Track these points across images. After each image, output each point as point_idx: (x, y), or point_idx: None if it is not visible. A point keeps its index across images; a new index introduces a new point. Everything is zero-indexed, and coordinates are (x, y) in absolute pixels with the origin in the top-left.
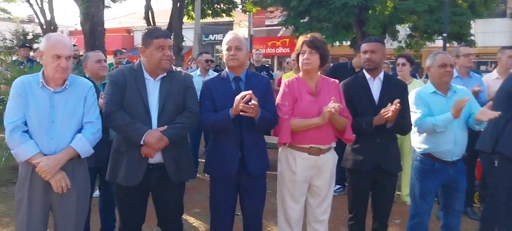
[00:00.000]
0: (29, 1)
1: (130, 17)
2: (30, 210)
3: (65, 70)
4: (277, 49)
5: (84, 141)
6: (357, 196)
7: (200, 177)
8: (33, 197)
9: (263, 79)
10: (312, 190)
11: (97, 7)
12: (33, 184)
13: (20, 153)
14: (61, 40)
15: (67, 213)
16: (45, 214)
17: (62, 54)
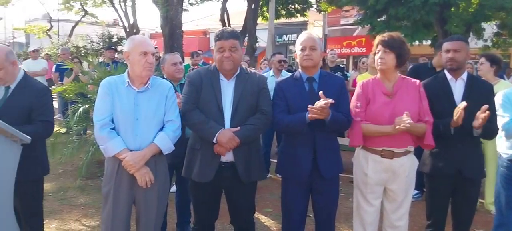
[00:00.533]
0: (114, 6)
1: (207, 20)
2: (116, 203)
3: (151, 66)
4: (353, 49)
5: (166, 138)
6: (436, 203)
7: (272, 177)
8: (118, 191)
9: (338, 79)
10: (388, 194)
11: (176, 11)
12: (119, 179)
13: (108, 148)
14: (145, 39)
15: (149, 207)
16: (129, 207)
17: (148, 50)
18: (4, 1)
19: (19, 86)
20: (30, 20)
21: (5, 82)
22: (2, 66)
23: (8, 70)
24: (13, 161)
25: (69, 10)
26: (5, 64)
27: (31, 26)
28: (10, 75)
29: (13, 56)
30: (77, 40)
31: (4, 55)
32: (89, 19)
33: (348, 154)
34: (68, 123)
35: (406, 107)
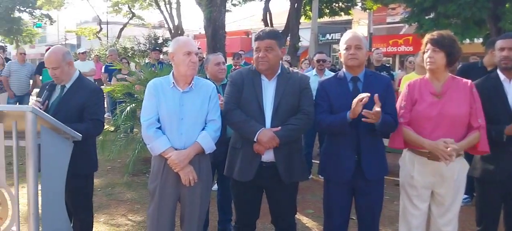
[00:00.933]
0: (160, 8)
1: (249, 20)
2: (162, 200)
3: (195, 65)
4: (399, 48)
5: (208, 138)
6: (487, 209)
7: (314, 178)
8: (164, 188)
9: (383, 79)
10: (436, 198)
11: (219, 12)
12: (165, 176)
13: (155, 147)
14: (189, 40)
15: (193, 204)
16: (174, 203)
17: (192, 50)
18: (58, 5)
19: (74, 85)
20: (81, 22)
21: (61, 81)
22: (58, 66)
23: (64, 70)
24: (65, 157)
25: (117, 12)
26: (62, 64)
27: (82, 28)
28: (65, 75)
29: (69, 57)
30: (125, 41)
31: (61, 55)
32: (136, 21)
33: (393, 156)
34: (116, 121)
35: (455, 108)
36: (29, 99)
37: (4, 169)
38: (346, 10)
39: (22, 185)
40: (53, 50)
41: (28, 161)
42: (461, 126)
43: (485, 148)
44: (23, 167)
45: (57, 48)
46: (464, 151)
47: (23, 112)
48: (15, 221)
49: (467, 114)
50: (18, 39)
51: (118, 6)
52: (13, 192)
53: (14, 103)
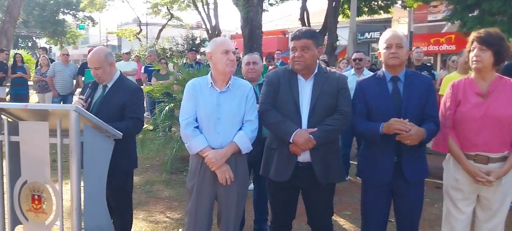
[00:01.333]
0: (198, 9)
1: (286, 19)
2: (199, 198)
3: (233, 63)
4: (441, 47)
5: (245, 138)
6: None
7: (352, 179)
8: (202, 186)
9: (425, 78)
10: (481, 202)
11: (256, 12)
12: (202, 175)
13: (192, 146)
14: (226, 39)
15: (230, 203)
16: (211, 202)
17: (229, 49)
18: (100, 7)
19: (115, 85)
20: (121, 24)
21: (103, 81)
22: (100, 66)
23: (106, 70)
24: (107, 155)
25: (156, 14)
26: (104, 64)
27: (123, 29)
28: (107, 75)
29: (111, 57)
30: (164, 42)
31: (104, 56)
32: (175, 22)
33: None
34: (155, 120)
35: (501, 109)
36: (73, 98)
37: (49, 165)
38: (385, 8)
39: (66, 181)
40: (95, 51)
41: (72, 158)
42: (508, 128)
43: None
44: (67, 164)
45: (100, 49)
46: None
47: (67, 111)
48: (59, 216)
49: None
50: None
51: (157, 7)
52: (57, 188)
53: (58, 102)
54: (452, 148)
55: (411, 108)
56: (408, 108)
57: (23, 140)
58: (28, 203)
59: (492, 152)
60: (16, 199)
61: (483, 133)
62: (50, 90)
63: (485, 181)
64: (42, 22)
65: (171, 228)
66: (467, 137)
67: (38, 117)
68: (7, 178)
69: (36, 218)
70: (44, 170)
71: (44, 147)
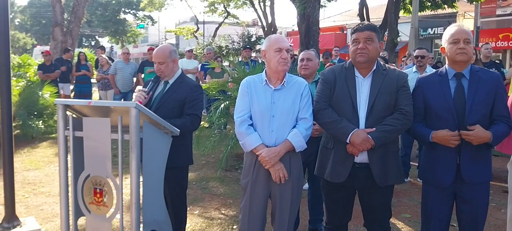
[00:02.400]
0: (254, 6)
1: (344, 15)
2: (253, 195)
3: (286, 61)
4: (511, 43)
5: (299, 136)
6: None
7: (412, 181)
8: (255, 184)
9: (493, 75)
10: None
11: (313, 8)
12: (256, 172)
13: (246, 143)
14: (280, 37)
15: (284, 202)
16: (265, 200)
17: (283, 46)
18: (159, 6)
19: (177, 82)
20: (179, 22)
21: (165, 77)
22: (164, 61)
23: (169, 66)
24: (165, 151)
25: (213, 12)
26: (167, 60)
27: (181, 28)
28: (169, 71)
29: (175, 55)
30: (220, 40)
31: (168, 52)
32: (231, 20)
33: (501, 160)
34: (211, 118)
35: None
36: (133, 96)
37: (111, 160)
38: (450, 2)
39: (126, 176)
40: (161, 47)
41: (132, 153)
42: None
43: None
44: (127, 159)
45: (165, 45)
46: None
47: (127, 108)
48: (119, 210)
49: None
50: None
51: (214, 5)
52: (118, 183)
53: (119, 99)
54: None
55: (476, 107)
56: (473, 108)
57: (86, 135)
58: (91, 196)
59: None
60: (79, 192)
61: None
62: (112, 88)
63: None
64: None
65: (225, 225)
66: None
67: (101, 113)
68: (72, 171)
69: (97, 210)
70: (105, 165)
71: (105, 142)
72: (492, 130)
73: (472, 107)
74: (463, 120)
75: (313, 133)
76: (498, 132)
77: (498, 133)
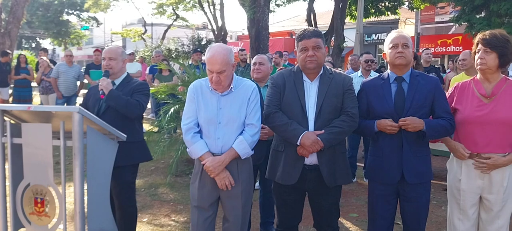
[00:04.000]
0: (204, 10)
1: (293, 20)
2: (201, 202)
3: (217, 83)
4: (448, 48)
5: (245, 143)
6: None
7: (359, 181)
8: (203, 190)
9: (431, 79)
10: (484, 203)
11: (262, 12)
12: (203, 179)
13: (192, 151)
14: (213, 56)
15: (234, 207)
16: (214, 206)
17: (213, 69)
18: (104, 7)
19: (123, 82)
20: (126, 24)
21: (112, 74)
22: (116, 58)
23: (119, 64)
24: (110, 157)
25: (162, 14)
26: (118, 58)
27: (127, 30)
28: (118, 69)
29: (126, 56)
30: (169, 43)
31: (121, 51)
32: (180, 23)
33: (441, 159)
34: (160, 122)
35: (504, 111)
36: (76, 100)
37: (52, 168)
38: (392, 10)
39: (69, 184)
40: (113, 45)
41: (75, 160)
42: (510, 130)
43: None
44: (70, 167)
45: (118, 46)
46: None
47: (70, 113)
48: (62, 220)
49: None
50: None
51: (162, 7)
52: (61, 191)
53: (62, 104)
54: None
55: (414, 108)
56: (411, 109)
57: (25, 142)
58: (31, 206)
59: (494, 152)
60: (18, 202)
61: (485, 134)
62: (54, 92)
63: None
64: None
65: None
66: (469, 138)
67: (41, 118)
68: (10, 180)
69: (39, 221)
70: (47, 173)
71: (47, 149)
72: (426, 119)
73: (410, 109)
74: None
75: (262, 137)
76: (432, 122)
77: (432, 122)
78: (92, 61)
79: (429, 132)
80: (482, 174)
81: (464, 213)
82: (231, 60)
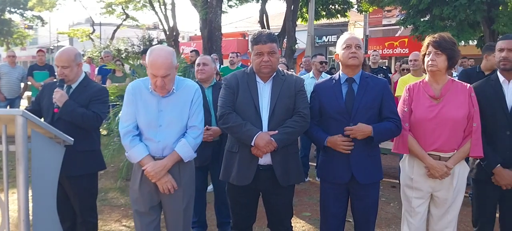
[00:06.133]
0: (154, 9)
1: (246, 22)
2: (141, 206)
3: (161, 87)
4: (395, 50)
5: (187, 146)
6: (482, 210)
7: (311, 180)
8: (143, 195)
9: (380, 81)
10: (435, 200)
11: (215, 13)
12: (144, 183)
13: (131, 156)
14: (157, 61)
15: (175, 210)
16: (156, 211)
17: (157, 74)
18: (49, 6)
19: (80, 86)
20: (73, 24)
21: (68, 81)
22: (69, 65)
23: (74, 70)
24: (57, 162)
25: (110, 13)
26: (72, 64)
27: (75, 30)
28: (74, 75)
29: (80, 59)
30: (119, 43)
31: (73, 55)
32: (130, 23)
33: (390, 158)
34: (109, 124)
35: (453, 111)
36: (20, 102)
37: None
38: (342, 12)
39: (12, 190)
40: (65, 50)
41: (18, 166)
42: (460, 129)
43: (478, 153)
44: (14, 172)
45: (69, 48)
46: None
47: (13, 116)
48: (5, 229)
49: (466, 118)
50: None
51: (111, 7)
52: (3, 199)
53: (4, 106)
54: (413, 148)
55: (362, 109)
56: (359, 110)
57: None
58: None
59: (444, 151)
60: None
61: (436, 134)
62: None
63: (444, 173)
64: None
65: None
66: (421, 138)
67: None
68: None
69: None
70: None
71: None
72: (374, 124)
73: (359, 110)
74: (354, 121)
75: (207, 138)
76: (380, 126)
77: (380, 127)
78: (35, 62)
79: (377, 136)
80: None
81: (416, 210)
82: (174, 62)
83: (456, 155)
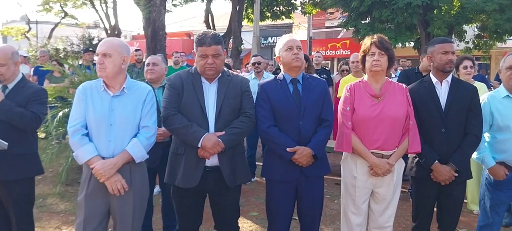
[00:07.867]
0: (95, 7)
1: (191, 21)
2: (89, 211)
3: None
4: (337, 51)
5: (139, 146)
6: (422, 204)
7: (258, 180)
8: (92, 199)
9: (320, 82)
10: (375, 196)
11: (158, 12)
12: (92, 185)
13: (79, 155)
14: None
15: (124, 214)
16: (104, 216)
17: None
18: None
19: (17, 86)
20: (7, 22)
21: (4, 80)
22: (5, 63)
23: (10, 69)
24: None
25: (48, 11)
26: (9, 62)
27: (9, 28)
28: (11, 74)
29: (17, 57)
30: (57, 42)
31: (10, 53)
32: (69, 21)
33: (333, 156)
34: (47, 127)
35: (394, 110)
36: None
37: None
38: (287, 14)
39: None
40: (1, 48)
41: None
42: (399, 127)
43: (416, 149)
44: None
45: (6, 46)
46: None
47: None
48: None
49: (405, 116)
50: None
51: (48, 4)
52: None
53: None
54: (357, 146)
55: (309, 108)
56: (307, 108)
57: None
58: None
59: (385, 149)
60: None
61: (378, 132)
62: None
63: (387, 170)
64: None
65: None
66: (363, 136)
67: None
68: None
69: None
70: None
71: None
72: (311, 144)
73: (306, 108)
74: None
75: (157, 138)
76: (318, 143)
77: (317, 144)
78: None
79: (319, 152)
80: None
81: (358, 207)
82: (121, 53)
83: (397, 152)
